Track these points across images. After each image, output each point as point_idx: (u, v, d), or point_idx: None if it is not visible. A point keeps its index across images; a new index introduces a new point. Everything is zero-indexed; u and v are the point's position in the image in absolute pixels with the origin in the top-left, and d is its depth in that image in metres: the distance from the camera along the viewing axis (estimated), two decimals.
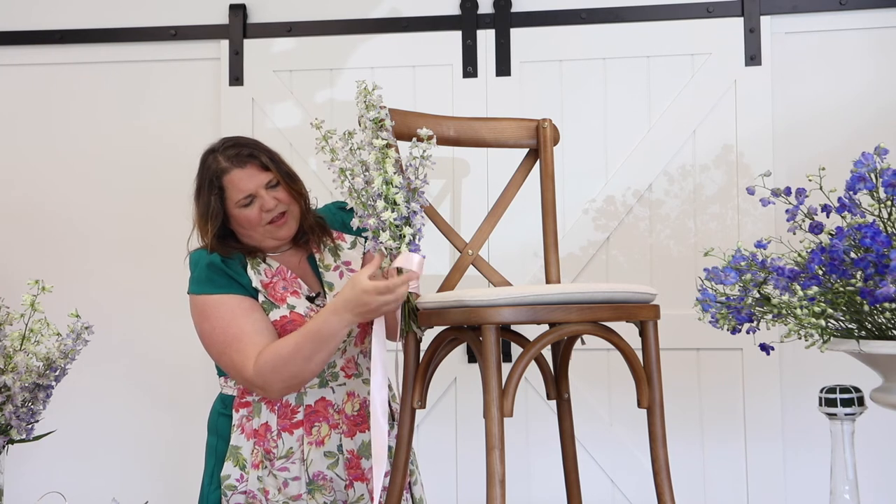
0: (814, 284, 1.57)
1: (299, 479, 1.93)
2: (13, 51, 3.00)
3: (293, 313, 1.91)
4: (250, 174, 1.90)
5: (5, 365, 1.90)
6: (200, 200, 1.96)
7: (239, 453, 1.93)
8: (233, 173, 1.91)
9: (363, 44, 2.89)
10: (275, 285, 1.95)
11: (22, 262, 2.94)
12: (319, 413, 1.94)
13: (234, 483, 1.93)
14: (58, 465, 2.91)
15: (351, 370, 1.98)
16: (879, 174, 1.61)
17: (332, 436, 1.94)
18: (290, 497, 1.93)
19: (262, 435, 1.93)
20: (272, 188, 1.92)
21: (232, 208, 1.92)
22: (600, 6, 2.82)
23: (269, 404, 1.94)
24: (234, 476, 1.93)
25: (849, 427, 1.70)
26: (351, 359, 1.99)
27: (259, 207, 1.91)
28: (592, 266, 2.79)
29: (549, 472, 2.71)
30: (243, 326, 1.87)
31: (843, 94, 2.74)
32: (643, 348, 1.68)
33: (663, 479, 1.65)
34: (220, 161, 1.93)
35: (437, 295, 1.68)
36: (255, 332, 1.86)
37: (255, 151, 1.94)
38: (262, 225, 1.92)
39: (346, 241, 2.07)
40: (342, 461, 1.94)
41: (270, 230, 1.93)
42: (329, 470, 1.93)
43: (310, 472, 1.93)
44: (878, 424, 2.36)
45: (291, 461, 1.92)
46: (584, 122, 2.81)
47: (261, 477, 1.92)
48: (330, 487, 1.93)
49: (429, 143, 1.73)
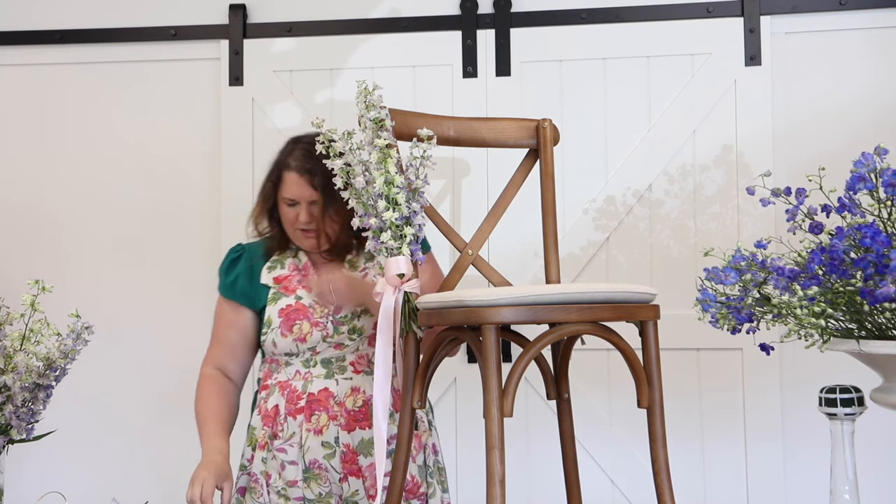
0: (814, 284, 1.57)
1: (296, 464, 1.97)
2: (13, 51, 3.00)
3: (298, 303, 2.03)
4: (300, 184, 2.00)
5: (5, 365, 1.90)
6: (266, 185, 2.08)
7: (254, 434, 2.03)
8: (292, 174, 2.01)
9: (363, 44, 2.89)
10: (291, 279, 2.07)
11: (22, 262, 2.94)
12: (321, 402, 1.98)
13: (245, 463, 2.03)
14: (58, 465, 2.91)
15: (361, 366, 2.02)
16: (879, 174, 1.61)
17: (330, 427, 1.97)
18: (288, 482, 1.97)
19: (272, 417, 2.01)
20: (313, 204, 2.01)
21: (280, 199, 2.04)
22: (600, 6, 2.82)
23: (281, 388, 2.01)
24: (247, 456, 2.04)
25: (849, 427, 1.70)
26: (364, 356, 2.03)
27: (296, 213, 2.01)
28: (592, 266, 2.79)
29: (549, 472, 2.71)
30: (217, 333, 2.11)
31: (843, 94, 2.74)
32: (643, 348, 1.68)
33: (663, 479, 1.64)
34: (292, 155, 2.03)
35: (437, 295, 1.68)
36: (221, 344, 2.09)
37: (316, 168, 1.96)
38: (293, 228, 2.04)
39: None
40: (338, 454, 1.97)
41: (298, 236, 2.05)
42: (325, 460, 1.97)
43: (306, 458, 1.97)
44: (878, 424, 2.36)
45: (290, 444, 1.97)
46: (584, 122, 2.81)
47: (265, 459, 1.99)
48: (325, 478, 1.97)
49: (429, 143, 1.73)
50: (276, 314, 2.03)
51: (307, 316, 2.01)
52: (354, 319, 2.02)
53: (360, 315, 2.02)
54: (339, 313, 2.02)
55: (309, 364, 2.01)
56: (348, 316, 2.02)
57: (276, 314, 2.03)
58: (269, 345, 2.03)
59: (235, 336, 2.08)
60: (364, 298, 1.96)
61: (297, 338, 2.00)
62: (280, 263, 2.09)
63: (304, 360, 2.02)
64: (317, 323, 2.01)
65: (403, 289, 1.73)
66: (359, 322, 2.02)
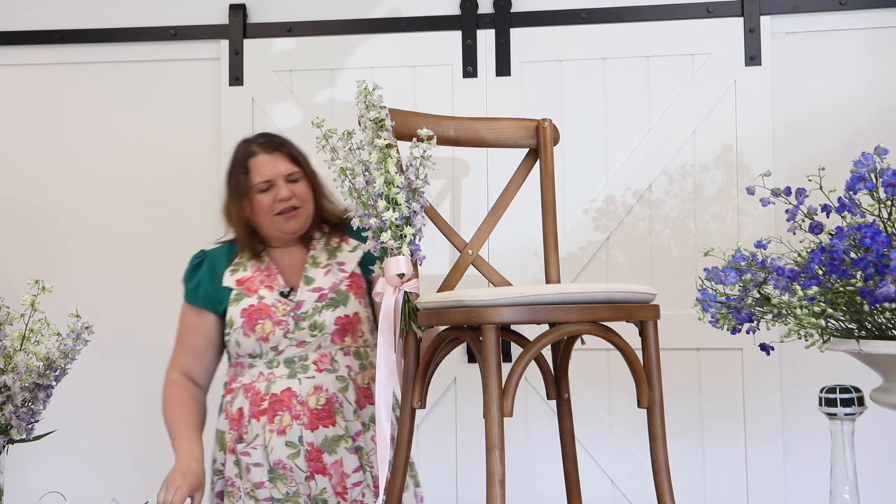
0: (814, 284, 1.57)
1: (261, 465, 1.98)
2: (12, 51, 3.00)
3: (261, 303, 2.04)
4: (275, 160, 2.02)
5: (5, 365, 1.90)
6: (230, 183, 2.08)
7: (223, 437, 2.04)
8: (259, 157, 2.03)
9: (363, 44, 2.89)
10: (254, 279, 2.08)
11: (22, 262, 2.94)
12: (283, 402, 1.99)
13: (219, 467, 2.04)
14: (58, 465, 2.91)
15: (324, 365, 2.02)
16: (879, 174, 1.61)
17: (293, 426, 1.98)
18: (254, 484, 1.98)
19: (237, 420, 2.02)
20: (292, 182, 2.03)
21: (251, 192, 2.03)
22: (600, 6, 2.82)
23: (244, 391, 2.02)
24: (220, 460, 2.04)
25: (849, 427, 1.70)
26: (327, 354, 2.03)
27: (273, 196, 2.01)
28: (592, 266, 2.79)
29: (549, 472, 2.71)
30: (181, 338, 2.13)
31: (843, 94, 2.74)
32: (643, 348, 1.68)
33: (663, 479, 1.64)
34: (251, 146, 2.06)
35: (437, 295, 1.68)
36: (186, 350, 2.11)
37: (287, 144, 2.08)
38: (272, 214, 2.02)
39: (350, 244, 2.14)
40: (303, 452, 1.98)
41: (278, 221, 2.03)
42: (289, 460, 1.97)
43: (271, 459, 1.97)
44: (878, 424, 2.36)
45: (254, 446, 1.98)
46: (584, 122, 2.81)
47: (237, 461, 2.00)
48: (291, 478, 1.97)
49: (429, 144, 1.73)
50: (239, 314, 2.04)
51: (269, 315, 2.02)
52: (315, 315, 2.02)
53: (321, 310, 2.03)
54: (301, 308, 2.03)
55: (272, 365, 2.02)
56: (308, 311, 2.02)
57: (238, 314, 2.04)
58: (234, 345, 2.04)
59: (199, 341, 2.10)
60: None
61: (260, 337, 2.01)
62: (242, 266, 2.10)
63: (267, 362, 2.02)
64: (279, 321, 2.01)
65: (403, 289, 1.73)
66: (320, 317, 2.02)
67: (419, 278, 1.76)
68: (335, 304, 2.04)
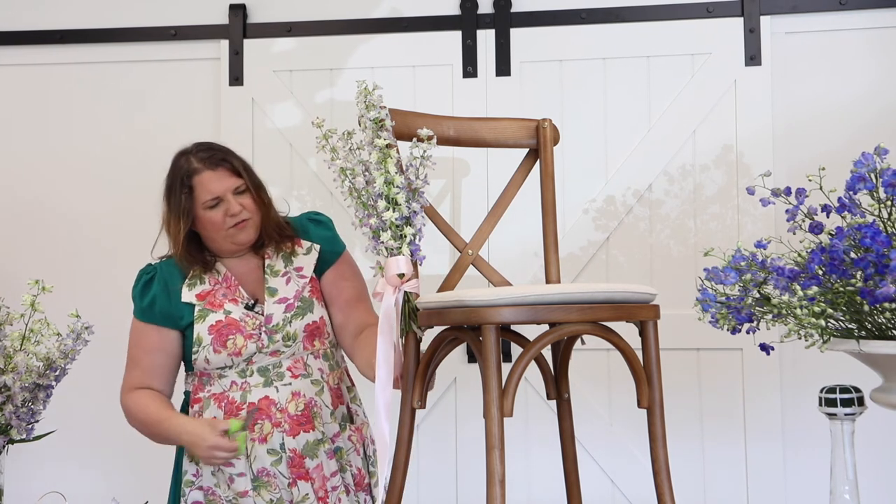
0: (814, 284, 1.57)
1: (244, 475, 1.96)
2: (13, 51, 3.00)
3: (228, 318, 1.99)
4: (220, 177, 1.96)
5: (5, 365, 1.90)
6: (171, 200, 2.01)
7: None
8: (203, 174, 1.97)
9: (363, 44, 2.89)
10: (215, 293, 2.02)
11: (22, 262, 2.94)
12: (262, 411, 1.96)
13: (191, 479, 2.00)
14: (58, 465, 2.91)
15: (298, 370, 2.01)
16: (879, 174, 1.61)
17: (274, 434, 1.96)
18: (238, 493, 1.96)
19: None
20: (239, 194, 1.98)
21: (198, 209, 1.98)
22: (600, 6, 2.82)
23: (216, 400, 1.99)
24: (191, 472, 2.00)
25: (849, 427, 1.70)
26: (300, 360, 2.02)
27: (224, 211, 1.97)
28: (592, 266, 2.79)
29: (549, 472, 2.71)
30: (139, 358, 2.04)
31: (844, 94, 2.74)
32: (643, 348, 1.68)
33: (663, 479, 1.65)
34: (192, 162, 1.99)
35: (437, 295, 1.68)
36: (144, 368, 2.03)
37: (228, 156, 2.01)
38: (224, 229, 1.98)
39: (303, 246, 2.10)
40: (285, 459, 1.96)
41: (232, 233, 1.99)
42: (272, 467, 1.96)
43: (254, 468, 1.96)
44: (878, 424, 2.36)
45: (236, 456, 1.95)
46: (584, 122, 2.81)
47: (214, 472, 1.98)
48: (275, 485, 1.96)
49: (429, 144, 1.73)
50: (206, 331, 1.98)
51: (240, 329, 1.98)
52: (286, 326, 2.00)
53: (290, 321, 2.01)
54: (271, 322, 1.99)
55: (245, 374, 1.99)
56: (279, 324, 2.00)
57: (205, 332, 1.98)
58: (202, 362, 2.00)
59: (161, 358, 2.03)
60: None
61: (232, 352, 1.97)
62: (199, 279, 2.03)
63: (239, 371, 2.00)
64: (250, 335, 1.98)
65: (403, 289, 1.73)
66: (291, 327, 2.00)
67: (419, 278, 1.76)
68: (303, 312, 2.02)
